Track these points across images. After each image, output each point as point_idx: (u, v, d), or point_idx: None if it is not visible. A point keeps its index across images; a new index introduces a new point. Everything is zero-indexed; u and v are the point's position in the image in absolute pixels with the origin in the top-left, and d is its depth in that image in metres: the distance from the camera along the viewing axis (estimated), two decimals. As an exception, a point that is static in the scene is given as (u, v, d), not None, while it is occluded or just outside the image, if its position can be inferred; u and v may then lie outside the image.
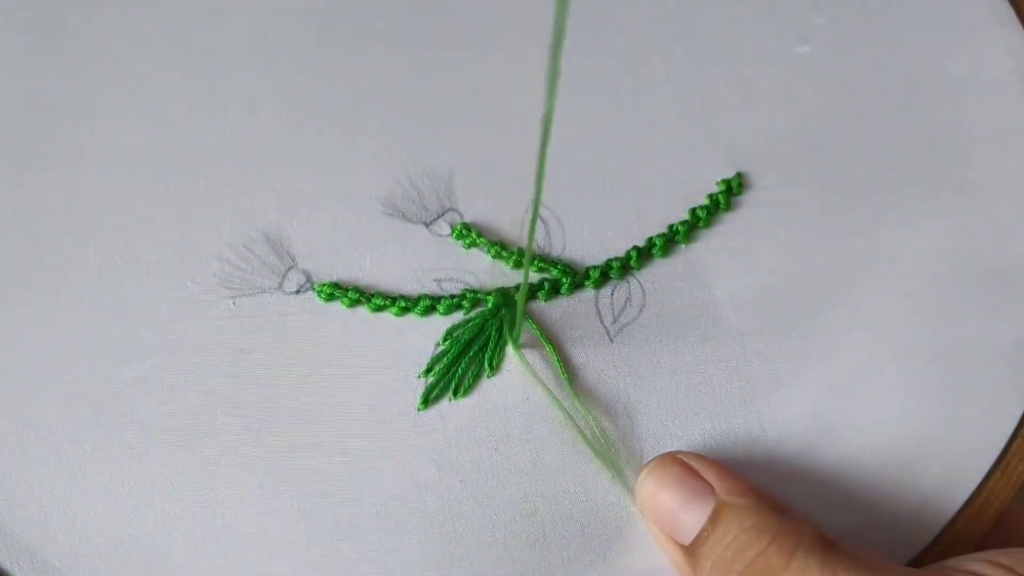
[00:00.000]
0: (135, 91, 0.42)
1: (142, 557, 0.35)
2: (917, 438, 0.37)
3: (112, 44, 0.42)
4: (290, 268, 0.39)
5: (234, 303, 0.38)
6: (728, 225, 0.40)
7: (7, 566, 0.34)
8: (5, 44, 0.42)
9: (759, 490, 0.33)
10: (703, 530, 0.32)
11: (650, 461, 0.35)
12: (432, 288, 0.39)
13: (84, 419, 0.36)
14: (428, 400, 0.37)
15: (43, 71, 0.42)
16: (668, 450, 0.36)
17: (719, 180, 0.41)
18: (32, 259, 0.39)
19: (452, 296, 0.39)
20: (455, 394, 0.37)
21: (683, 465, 0.34)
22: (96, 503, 0.35)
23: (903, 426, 0.37)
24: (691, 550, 0.32)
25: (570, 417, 0.36)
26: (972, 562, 0.32)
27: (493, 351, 0.38)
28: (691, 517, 0.33)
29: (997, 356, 0.38)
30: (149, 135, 0.41)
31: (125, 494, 0.35)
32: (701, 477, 0.33)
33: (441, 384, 0.37)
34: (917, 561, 0.35)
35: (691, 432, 0.37)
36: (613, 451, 0.36)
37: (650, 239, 0.40)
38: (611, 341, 0.38)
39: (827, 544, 0.31)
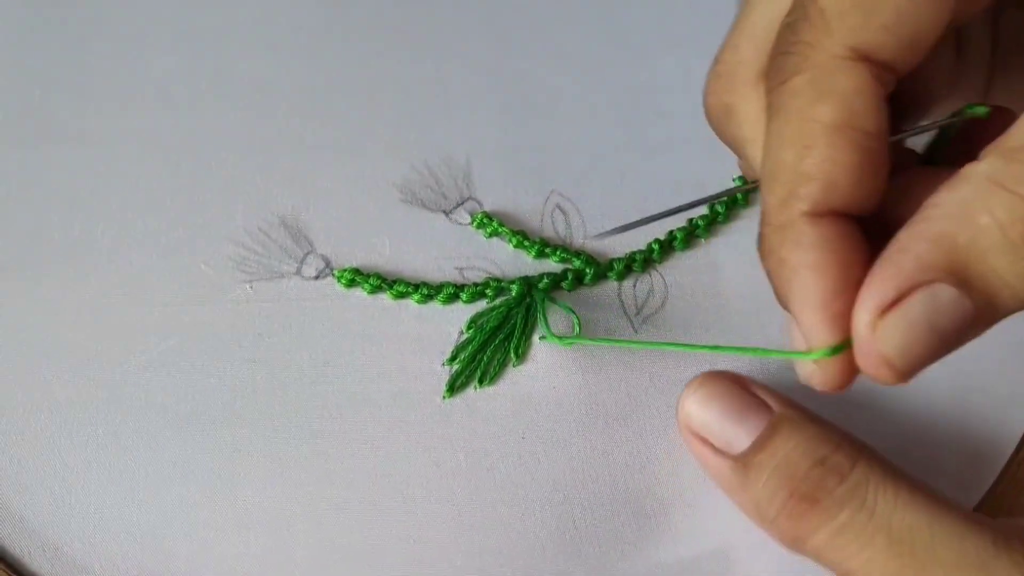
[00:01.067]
0: (148, 72, 0.41)
1: (157, 543, 0.33)
2: (926, 434, 0.37)
3: (126, 24, 0.42)
4: (308, 253, 0.38)
5: (251, 287, 0.37)
6: (747, 220, 0.40)
7: (18, 553, 0.32)
8: (16, 22, 0.41)
9: (811, 413, 0.31)
10: (760, 438, 0.30)
11: (695, 378, 0.32)
12: (454, 276, 0.38)
13: (97, 402, 0.35)
14: (454, 388, 0.36)
15: (54, 51, 0.41)
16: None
17: (736, 176, 0.41)
18: (42, 240, 0.37)
19: (476, 284, 0.38)
20: (480, 382, 0.36)
21: (735, 380, 0.32)
22: (110, 488, 0.34)
23: (913, 421, 0.37)
24: (744, 459, 0.30)
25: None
26: None
27: (519, 340, 0.37)
28: (745, 429, 0.31)
29: (1010, 352, 0.38)
30: (161, 116, 0.40)
31: (140, 479, 0.34)
32: (754, 393, 0.32)
33: (466, 372, 0.36)
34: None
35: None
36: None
37: (671, 232, 0.40)
38: (635, 332, 0.38)
39: (887, 464, 0.29)
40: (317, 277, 0.38)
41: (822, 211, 0.25)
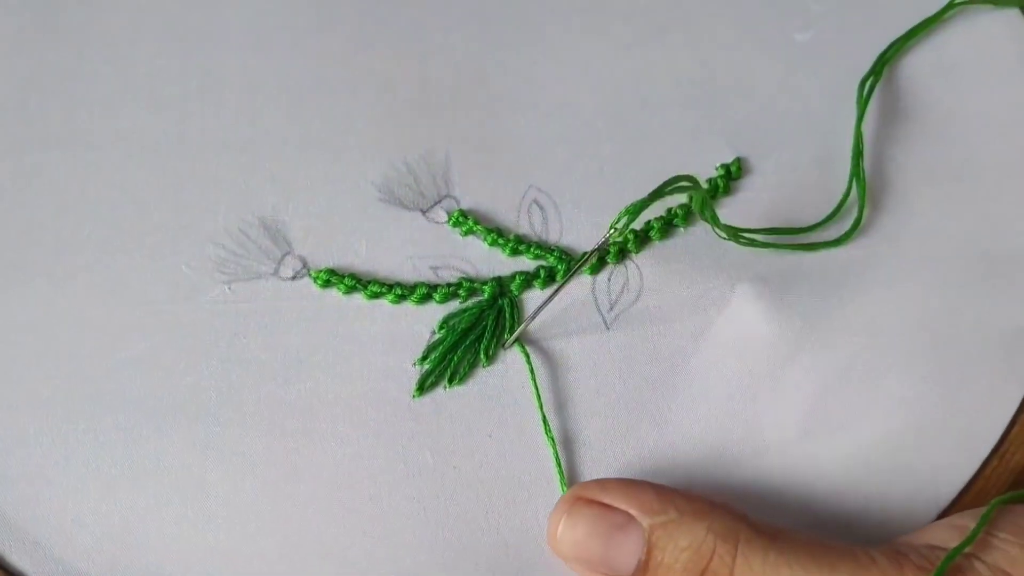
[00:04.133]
0: (132, 74, 0.42)
1: (134, 538, 0.35)
2: (915, 424, 0.36)
3: (110, 27, 0.43)
4: (286, 254, 0.39)
5: (229, 288, 0.38)
6: (727, 209, 0.40)
7: (7, 554, 0.34)
8: (3, 26, 0.42)
9: (672, 495, 0.32)
10: (639, 562, 0.31)
11: (554, 510, 0.33)
12: (428, 276, 0.39)
13: (78, 399, 0.36)
14: (423, 387, 0.37)
15: (40, 54, 0.42)
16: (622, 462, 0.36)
17: (718, 164, 0.40)
18: (27, 240, 0.39)
19: (449, 284, 0.38)
20: (450, 382, 0.37)
21: (590, 503, 0.32)
22: (89, 483, 0.35)
23: (901, 412, 0.36)
24: None
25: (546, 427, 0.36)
26: (930, 531, 0.32)
27: (489, 341, 0.38)
28: (622, 551, 0.32)
29: (995, 343, 0.37)
30: (145, 118, 0.41)
31: (118, 475, 0.35)
32: (615, 508, 0.32)
33: (436, 372, 0.37)
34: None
35: (690, 418, 0.36)
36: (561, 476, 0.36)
37: (648, 223, 0.39)
38: (608, 329, 0.38)
39: (764, 539, 0.31)
40: (294, 278, 0.39)
41: None
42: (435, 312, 0.38)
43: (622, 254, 0.39)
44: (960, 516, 0.33)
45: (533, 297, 0.39)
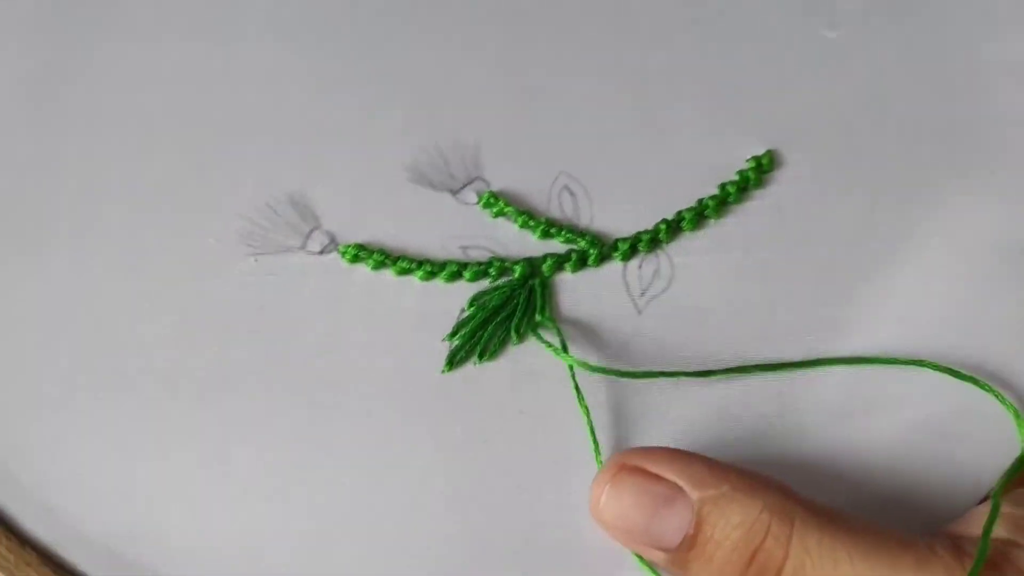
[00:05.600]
0: (157, 56, 0.41)
1: (157, 512, 0.34)
2: (955, 408, 0.36)
3: (134, 8, 0.42)
4: (314, 229, 0.38)
5: (256, 260, 0.37)
6: (759, 201, 0.40)
7: (20, 519, 0.33)
8: (26, 9, 0.42)
9: (725, 469, 0.31)
10: (686, 537, 0.30)
11: (598, 478, 0.32)
12: (458, 255, 0.38)
13: (101, 372, 0.35)
14: (453, 362, 0.36)
15: (65, 38, 0.41)
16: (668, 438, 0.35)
17: (749, 157, 0.40)
18: (52, 218, 0.38)
19: (479, 263, 0.38)
20: (480, 357, 0.36)
21: (638, 472, 0.31)
22: (110, 457, 0.34)
23: (941, 396, 0.36)
24: (678, 556, 0.31)
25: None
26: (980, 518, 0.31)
27: (520, 320, 0.37)
28: (668, 524, 0.30)
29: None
30: (172, 99, 0.40)
31: (140, 448, 0.34)
32: (662, 479, 0.31)
33: (466, 347, 0.36)
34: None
35: (726, 400, 0.36)
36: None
37: (679, 213, 0.39)
38: (639, 313, 0.38)
39: (821, 521, 0.30)
40: (322, 252, 0.38)
41: None
42: (465, 290, 0.38)
43: (654, 243, 0.39)
44: (1013, 502, 0.32)
45: (564, 280, 0.38)
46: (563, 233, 0.39)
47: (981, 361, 0.37)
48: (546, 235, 0.39)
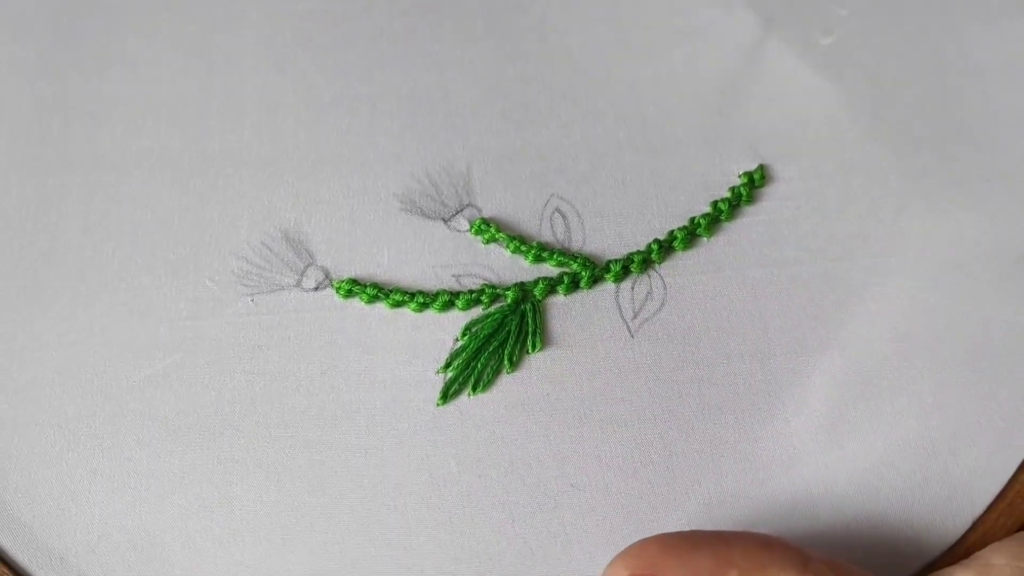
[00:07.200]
0: (154, 94, 0.42)
1: (159, 553, 0.34)
2: (948, 430, 0.36)
3: (131, 49, 0.43)
4: (308, 265, 0.39)
5: (253, 300, 0.38)
6: (751, 218, 0.40)
7: (25, 562, 0.34)
8: (26, 50, 0.43)
9: (728, 554, 0.30)
10: None
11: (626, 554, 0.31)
12: (451, 284, 0.39)
13: (103, 416, 0.36)
14: (447, 395, 0.36)
15: (63, 77, 0.42)
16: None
17: (741, 173, 0.40)
18: (52, 260, 0.39)
19: (471, 291, 0.38)
20: (474, 389, 0.37)
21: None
22: (113, 499, 0.35)
23: (934, 418, 0.36)
24: None
25: None
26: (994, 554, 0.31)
27: (512, 347, 0.37)
28: None
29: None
30: (167, 137, 0.41)
31: (142, 490, 0.35)
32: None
33: (460, 379, 0.37)
34: (948, 554, 0.34)
35: (715, 426, 0.36)
36: None
37: (671, 232, 0.39)
38: (632, 336, 0.38)
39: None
40: (316, 288, 0.38)
41: None
42: (458, 320, 0.38)
43: (646, 263, 0.39)
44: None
45: (556, 303, 0.38)
46: (555, 256, 0.39)
47: (984, 372, 0.36)
48: (538, 259, 0.39)
